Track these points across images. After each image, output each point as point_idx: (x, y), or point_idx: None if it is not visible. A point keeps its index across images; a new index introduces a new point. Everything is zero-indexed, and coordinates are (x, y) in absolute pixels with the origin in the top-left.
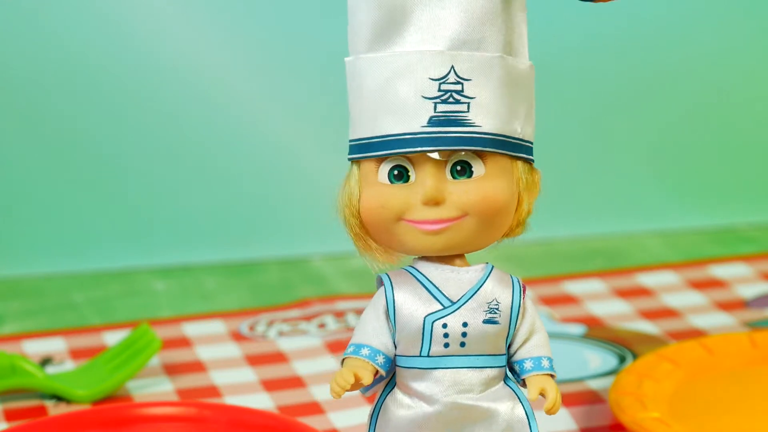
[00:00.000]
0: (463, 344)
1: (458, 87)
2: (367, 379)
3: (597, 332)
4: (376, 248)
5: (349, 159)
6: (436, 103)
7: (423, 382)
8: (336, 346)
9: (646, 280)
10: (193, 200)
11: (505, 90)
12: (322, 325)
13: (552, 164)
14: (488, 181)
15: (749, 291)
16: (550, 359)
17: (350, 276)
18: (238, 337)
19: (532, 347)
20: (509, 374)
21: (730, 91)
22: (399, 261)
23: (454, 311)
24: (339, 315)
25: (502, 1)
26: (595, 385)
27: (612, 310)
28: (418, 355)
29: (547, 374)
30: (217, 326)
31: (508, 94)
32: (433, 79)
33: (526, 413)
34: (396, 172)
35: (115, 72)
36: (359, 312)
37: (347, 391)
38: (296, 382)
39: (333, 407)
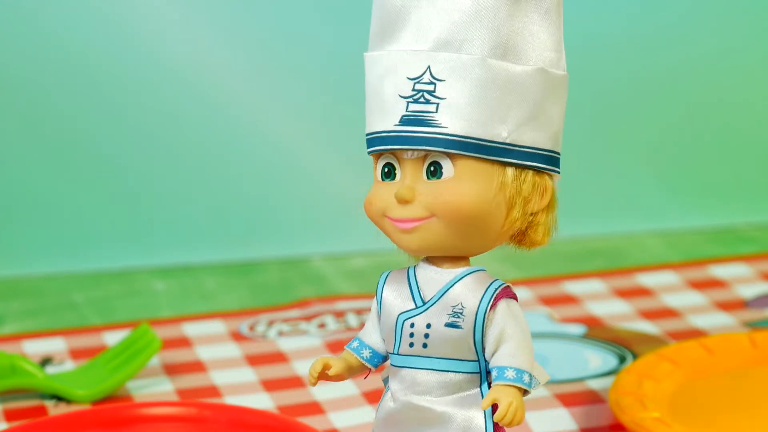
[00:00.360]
0: (425, 345)
1: (431, 87)
2: (336, 368)
3: (597, 332)
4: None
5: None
6: (408, 102)
7: (394, 379)
8: (336, 346)
9: (646, 280)
10: (193, 200)
11: (485, 92)
12: (322, 325)
13: None
14: (455, 184)
15: (749, 291)
16: (517, 370)
17: (350, 276)
18: (238, 337)
19: (500, 356)
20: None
21: (730, 90)
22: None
23: (423, 312)
24: (339, 315)
25: (507, 3)
26: (595, 385)
27: (612, 310)
28: (393, 352)
29: (509, 385)
30: (217, 326)
31: (490, 97)
32: (410, 79)
33: (485, 424)
34: (386, 170)
35: (115, 72)
36: (359, 312)
37: (324, 379)
38: (296, 382)
39: (333, 407)
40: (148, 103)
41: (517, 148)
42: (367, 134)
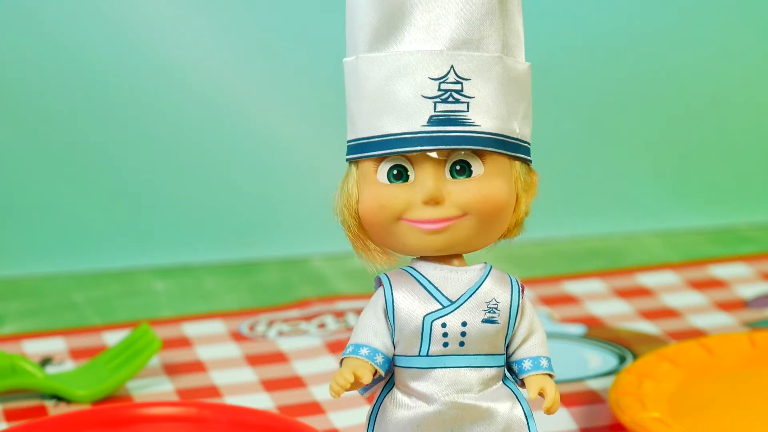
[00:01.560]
0: (462, 344)
1: (458, 87)
2: (367, 378)
3: (597, 332)
4: (375, 249)
5: (348, 159)
6: (435, 103)
7: (422, 381)
8: (336, 346)
9: (646, 280)
10: (193, 200)
11: (504, 89)
12: (322, 325)
13: (552, 164)
14: (487, 181)
15: (749, 291)
16: (548, 359)
17: (350, 276)
18: (238, 337)
19: (531, 347)
20: (507, 374)
21: (730, 90)
22: (397, 262)
23: (454, 311)
24: (339, 315)
25: (499, 1)
26: (595, 385)
27: (612, 310)
28: (417, 354)
29: (546, 374)
30: (217, 326)
31: (507, 94)
32: (432, 79)
33: (525, 413)
34: (395, 172)
35: (114, 72)
36: (359, 312)
37: (347, 390)
38: (296, 382)
39: (333, 407)
40: (148, 104)
41: (522, 143)
42: (371, 137)
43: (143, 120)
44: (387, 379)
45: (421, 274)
